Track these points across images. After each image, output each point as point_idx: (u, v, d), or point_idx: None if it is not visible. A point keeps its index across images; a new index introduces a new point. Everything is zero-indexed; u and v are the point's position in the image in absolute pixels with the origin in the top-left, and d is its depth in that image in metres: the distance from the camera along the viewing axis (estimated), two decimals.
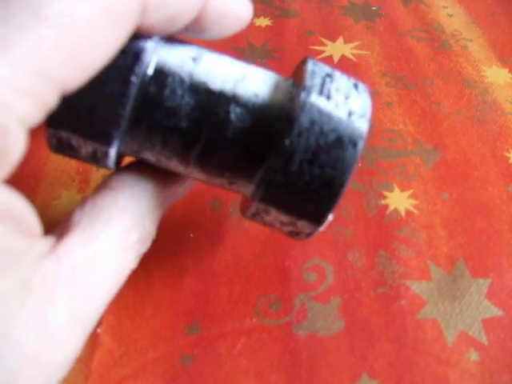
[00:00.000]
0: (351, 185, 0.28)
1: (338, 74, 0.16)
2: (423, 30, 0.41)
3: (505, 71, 0.37)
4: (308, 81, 0.15)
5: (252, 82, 0.16)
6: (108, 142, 0.15)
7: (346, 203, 0.27)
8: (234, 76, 0.16)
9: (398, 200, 0.27)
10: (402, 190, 0.28)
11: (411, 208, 0.27)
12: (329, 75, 0.16)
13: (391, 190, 0.28)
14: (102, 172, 0.28)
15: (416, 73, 0.36)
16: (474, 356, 0.21)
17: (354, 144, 0.15)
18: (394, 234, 0.26)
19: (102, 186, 0.16)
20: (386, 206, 0.27)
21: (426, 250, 0.25)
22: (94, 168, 0.28)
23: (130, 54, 0.14)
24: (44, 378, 0.13)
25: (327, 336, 0.22)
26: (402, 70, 0.36)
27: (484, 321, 0.22)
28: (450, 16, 0.43)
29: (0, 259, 0.12)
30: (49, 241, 0.14)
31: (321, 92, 0.15)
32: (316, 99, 0.15)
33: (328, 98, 0.15)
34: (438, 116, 0.33)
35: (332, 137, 0.15)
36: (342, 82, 0.16)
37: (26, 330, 0.12)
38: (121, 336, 0.22)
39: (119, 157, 0.17)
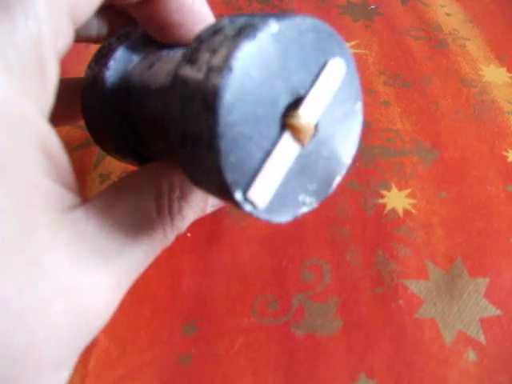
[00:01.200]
0: (348, 184, 0.28)
1: (231, 25, 0.13)
2: (421, 28, 0.41)
3: (503, 70, 0.37)
4: (185, 50, 0.14)
5: None
6: (121, 154, 0.19)
7: (344, 202, 0.27)
8: (171, 68, 0.16)
9: (396, 199, 0.27)
10: (400, 189, 0.28)
11: (409, 207, 0.27)
12: (215, 32, 0.13)
13: (389, 189, 0.28)
14: (99, 171, 0.28)
15: (414, 72, 0.36)
16: (471, 355, 0.21)
17: (208, 107, 0.12)
18: (392, 233, 0.26)
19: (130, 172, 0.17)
20: (384, 205, 0.27)
21: (423, 249, 0.25)
22: (91, 167, 0.28)
23: (96, 82, 0.18)
24: (76, 318, 0.13)
25: (325, 336, 0.22)
26: (399, 68, 0.36)
27: (482, 320, 0.22)
28: (448, 15, 0.43)
29: (30, 195, 0.12)
30: (79, 199, 0.14)
31: (189, 59, 0.13)
32: (182, 69, 0.13)
33: (193, 62, 0.13)
34: (436, 115, 0.33)
35: (191, 106, 0.13)
36: (221, 35, 0.13)
37: (58, 261, 0.12)
38: (117, 336, 0.21)
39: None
